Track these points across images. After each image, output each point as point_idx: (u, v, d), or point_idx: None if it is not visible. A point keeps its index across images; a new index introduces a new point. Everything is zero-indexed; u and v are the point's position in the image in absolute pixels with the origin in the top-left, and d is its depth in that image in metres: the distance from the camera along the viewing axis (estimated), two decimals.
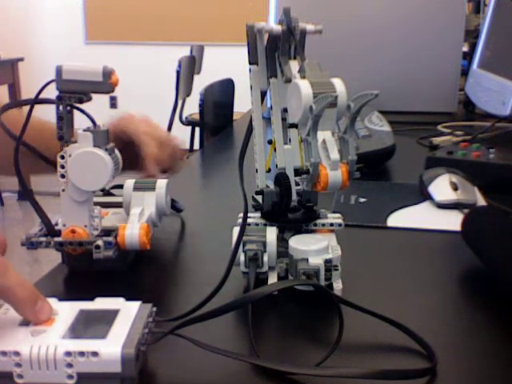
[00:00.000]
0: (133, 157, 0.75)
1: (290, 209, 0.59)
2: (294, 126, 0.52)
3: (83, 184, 0.53)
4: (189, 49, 4.02)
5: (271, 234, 0.55)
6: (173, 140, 0.85)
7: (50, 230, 0.56)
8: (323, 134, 0.50)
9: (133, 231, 0.56)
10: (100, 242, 0.55)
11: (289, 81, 0.54)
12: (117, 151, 0.56)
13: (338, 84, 0.50)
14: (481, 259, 0.59)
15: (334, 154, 0.49)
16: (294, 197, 0.58)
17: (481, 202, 0.79)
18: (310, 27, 0.56)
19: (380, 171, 0.98)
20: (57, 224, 0.57)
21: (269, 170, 0.60)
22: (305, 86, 0.49)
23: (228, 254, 0.50)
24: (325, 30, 0.57)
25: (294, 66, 0.55)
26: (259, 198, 0.59)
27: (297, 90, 0.50)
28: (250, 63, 0.57)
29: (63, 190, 0.54)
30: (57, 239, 0.55)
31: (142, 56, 4.64)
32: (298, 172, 0.53)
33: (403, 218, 0.75)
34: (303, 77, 0.52)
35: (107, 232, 0.57)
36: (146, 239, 0.56)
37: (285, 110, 0.57)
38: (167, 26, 4.56)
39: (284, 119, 0.59)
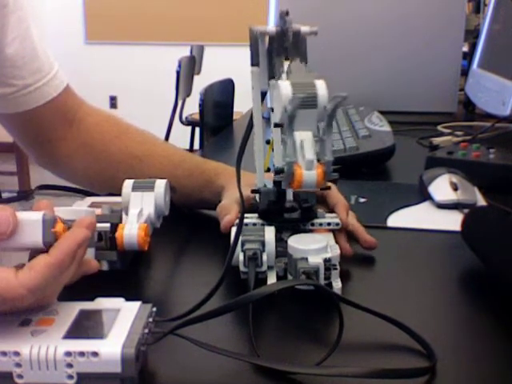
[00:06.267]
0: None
1: (287, 209, 0.59)
2: (280, 125, 0.52)
3: None
4: (189, 49, 4.02)
5: (269, 233, 0.56)
6: None
7: None
8: (304, 135, 0.50)
9: (131, 231, 0.56)
10: (104, 264, 0.57)
11: None
12: None
13: (320, 85, 0.50)
14: (481, 259, 0.59)
15: (309, 155, 0.49)
16: (290, 197, 0.59)
17: (481, 202, 0.78)
18: (304, 28, 0.56)
19: (380, 171, 0.98)
20: None
21: (268, 170, 0.60)
22: (284, 87, 0.50)
23: (227, 254, 0.50)
24: (325, 30, 0.57)
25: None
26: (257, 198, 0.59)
27: (278, 90, 0.50)
28: (252, 65, 0.57)
29: None
30: None
31: (142, 56, 4.64)
32: (274, 170, 0.54)
33: (403, 218, 0.75)
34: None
35: (99, 235, 0.57)
36: (144, 240, 0.56)
37: (272, 110, 0.58)
38: (167, 26, 4.56)
39: None
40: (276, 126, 0.53)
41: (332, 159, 0.50)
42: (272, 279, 0.55)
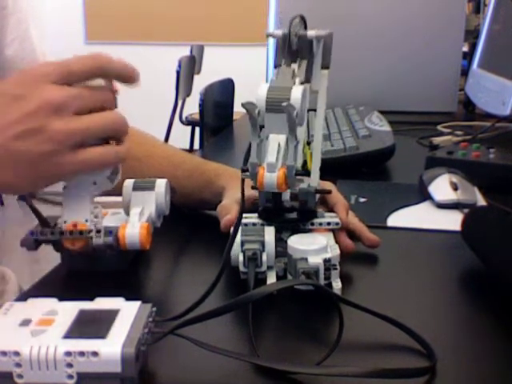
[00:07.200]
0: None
1: (287, 208, 0.59)
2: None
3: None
4: (189, 49, 4.02)
5: (269, 233, 0.56)
6: None
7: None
8: (277, 138, 0.51)
9: (133, 230, 0.56)
10: (100, 227, 0.55)
11: None
12: None
13: (295, 92, 0.51)
14: (481, 259, 0.59)
15: (270, 158, 0.50)
16: (287, 197, 0.59)
17: (481, 202, 0.79)
18: (311, 33, 0.57)
19: (380, 171, 0.98)
20: (56, 224, 0.57)
21: None
22: (261, 90, 0.51)
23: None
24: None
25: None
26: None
27: None
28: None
29: (65, 188, 0.54)
30: (57, 229, 0.55)
31: (142, 56, 4.63)
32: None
33: (403, 218, 0.75)
34: None
35: (107, 231, 0.57)
36: (147, 239, 0.56)
37: None
38: (167, 26, 4.56)
39: None
40: (261, 127, 0.54)
41: (293, 164, 0.51)
42: (272, 279, 0.55)
